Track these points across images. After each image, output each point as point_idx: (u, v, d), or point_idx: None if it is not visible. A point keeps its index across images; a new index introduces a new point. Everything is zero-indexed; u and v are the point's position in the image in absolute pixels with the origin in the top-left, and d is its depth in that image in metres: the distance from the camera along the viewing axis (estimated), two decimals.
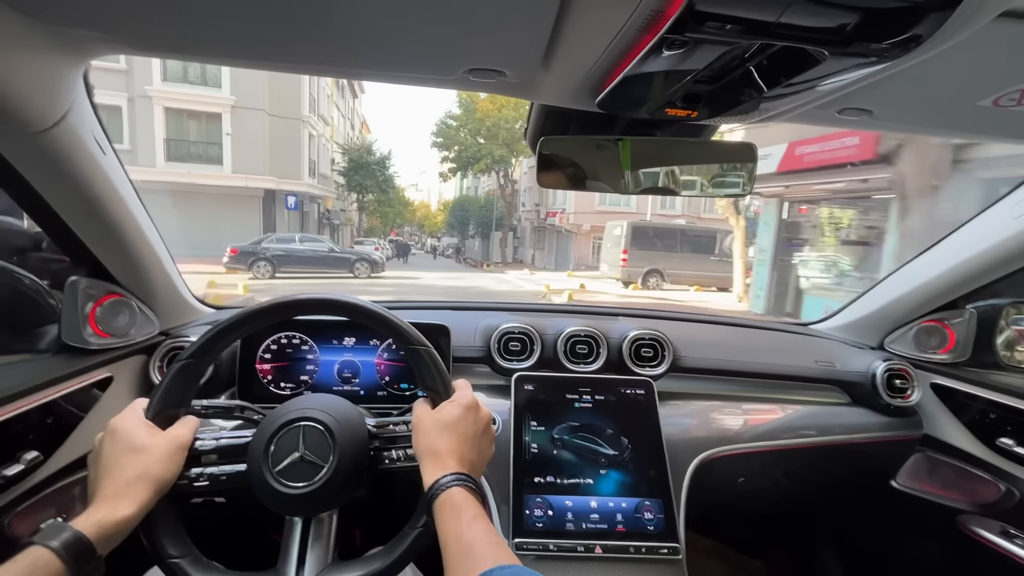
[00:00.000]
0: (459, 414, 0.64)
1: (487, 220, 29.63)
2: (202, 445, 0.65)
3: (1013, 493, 1.05)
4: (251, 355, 1.03)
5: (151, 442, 0.59)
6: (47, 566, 0.47)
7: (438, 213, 53.14)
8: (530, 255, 28.45)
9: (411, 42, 0.61)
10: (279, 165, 17.25)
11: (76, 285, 0.90)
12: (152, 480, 0.58)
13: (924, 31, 0.44)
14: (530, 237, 29.21)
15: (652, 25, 0.47)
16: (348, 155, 25.58)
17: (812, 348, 1.34)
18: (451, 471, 0.59)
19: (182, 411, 0.65)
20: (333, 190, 25.22)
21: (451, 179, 29.70)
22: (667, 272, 14.08)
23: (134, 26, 0.61)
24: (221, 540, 0.89)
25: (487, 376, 1.15)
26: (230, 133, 16.42)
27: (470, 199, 35.50)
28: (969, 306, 1.23)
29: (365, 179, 25.33)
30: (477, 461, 0.64)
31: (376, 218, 34.32)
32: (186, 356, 0.64)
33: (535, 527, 0.87)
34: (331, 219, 25.54)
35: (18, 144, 0.70)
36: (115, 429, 0.60)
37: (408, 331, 0.69)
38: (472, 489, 0.58)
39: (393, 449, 0.68)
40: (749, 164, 0.87)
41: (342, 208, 28.69)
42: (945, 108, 0.74)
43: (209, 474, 0.63)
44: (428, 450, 0.62)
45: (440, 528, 0.55)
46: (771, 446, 1.09)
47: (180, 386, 0.64)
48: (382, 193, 27.10)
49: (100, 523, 0.52)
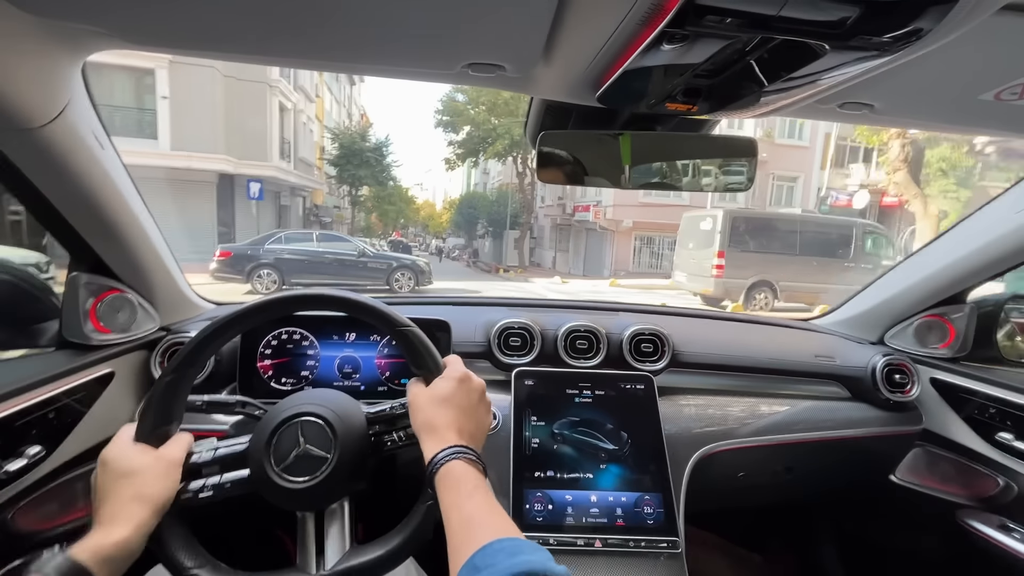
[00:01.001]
0: (453, 387, 0.64)
1: (499, 217, 25.58)
2: (200, 458, 0.64)
3: (1012, 487, 1.05)
4: (252, 350, 1.03)
5: (142, 464, 0.59)
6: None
7: (443, 212, 50.18)
8: (549, 257, 24.55)
9: (410, 36, 0.61)
10: (237, 142, 13.05)
11: (76, 281, 0.90)
12: (147, 500, 0.58)
13: (925, 25, 0.44)
14: (550, 236, 25.15)
15: (652, 18, 0.47)
16: (338, 140, 21.66)
17: (812, 343, 1.34)
18: (450, 444, 0.59)
19: (173, 426, 0.65)
20: (321, 181, 21.89)
21: (458, 167, 26.05)
22: (780, 284, 9.59)
23: (131, 20, 0.61)
24: (229, 543, 0.89)
25: (487, 371, 1.15)
26: (167, 97, 11.96)
27: (479, 195, 31.90)
28: (969, 301, 1.23)
29: (359, 169, 21.25)
30: (476, 431, 0.65)
31: (375, 217, 31.53)
32: (168, 372, 0.64)
33: (535, 521, 0.87)
34: (320, 216, 22.45)
35: (17, 140, 0.70)
36: (105, 460, 0.60)
37: (392, 314, 0.68)
38: (472, 460, 0.58)
39: (393, 431, 0.69)
40: (750, 158, 0.87)
41: (336, 205, 25.84)
42: (946, 102, 0.74)
43: (212, 485, 0.63)
44: (426, 426, 0.62)
45: (441, 501, 0.55)
46: (771, 441, 1.10)
47: (166, 403, 0.64)
48: (379, 186, 23.47)
49: (97, 548, 0.53)
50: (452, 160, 23.16)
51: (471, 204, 30.41)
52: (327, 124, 23.36)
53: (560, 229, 23.17)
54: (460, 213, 31.98)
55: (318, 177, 22.09)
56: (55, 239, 0.90)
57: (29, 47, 0.60)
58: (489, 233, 28.58)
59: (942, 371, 1.21)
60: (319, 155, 22.51)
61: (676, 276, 10.90)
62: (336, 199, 26.31)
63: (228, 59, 0.73)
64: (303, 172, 18.30)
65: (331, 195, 25.47)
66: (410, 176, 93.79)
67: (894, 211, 14.20)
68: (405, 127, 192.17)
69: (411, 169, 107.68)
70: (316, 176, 21.49)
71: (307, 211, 20.92)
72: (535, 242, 25.59)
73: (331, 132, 22.34)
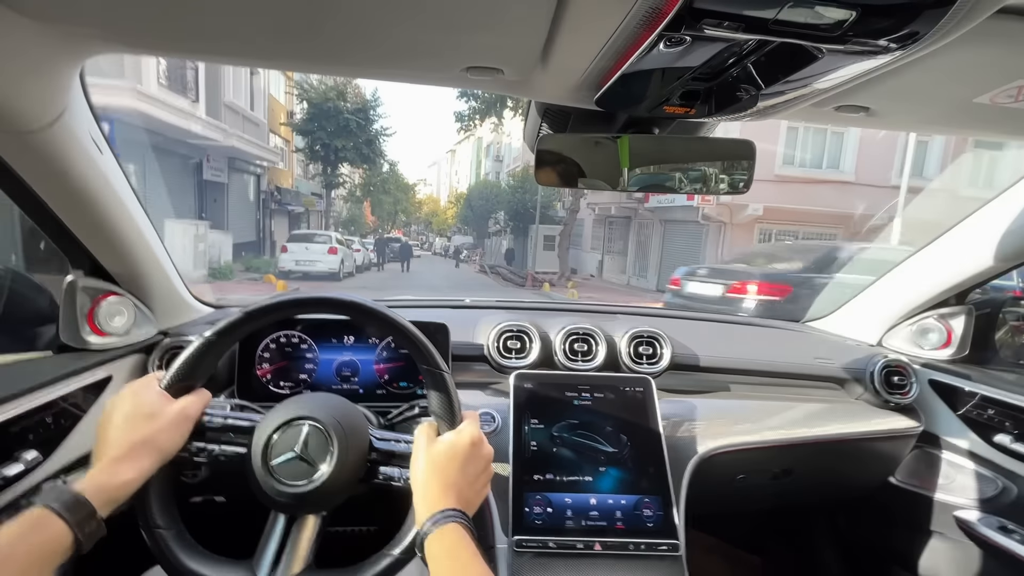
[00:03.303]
0: (462, 450, 0.63)
1: (523, 208, 19.34)
2: (210, 421, 0.65)
3: (1011, 489, 1.05)
4: (250, 354, 1.03)
5: (161, 409, 0.60)
6: (48, 526, 0.48)
7: (448, 207, 44.55)
8: (591, 262, 17.91)
9: (408, 40, 0.61)
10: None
11: (74, 285, 0.90)
12: (156, 447, 0.58)
13: (921, 28, 0.44)
14: (591, 234, 18.39)
15: (650, 22, 0.47)
16: (306, 97, 15.72)
17: (811, 345, 1.34)
18: (448, 507, 0.57)
19: (197, 384, 0.66)
20: (279, 153, 15.20)
21: (478, 128, 19.97)
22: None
23: (130, 25, 0.61)
24: (221, 537, 0.89)
25: (486, 374, 1.15)
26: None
27: (492, 184, 26.15)
28: (968, 303, 1.23)
29: (336, 139, 15.10)
30: (473, 499, 0.63)
31: (369, 211, 24.82)
32: (212, 333, 0.64)
33: (535, 524, 0.87)
34: (284, 202, 16.09)
35: (15, 143, 0.70)
36: (129, 393, 0.61)
37: (432, 354, 0.67)
38: (468, 528, 0.57)
39: (390, 466, 0.67)
40: (748, 161, 0.87)
41: (316, 193, 19.00)
42: (942, 105, 0.74)
43: (209, 451, 0.63)
44: (425, 481, 0.60)
45: (433, 566, 0.54)
46: (770, 443, 1.10)
47: (200, 361, 0.65)
48: (364, 162, 16.79)
49: (101, 485, 0.53)
50: (469, 116, 17.93)
51: (483, 195, 24.92)
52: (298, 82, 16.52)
53: (611, 224, 16.61)
54: (469, 206, 26.75)
55: (283, 150, 15.70)
56: (53, 243, 0.90)
57: (27, 50, 0.60)
58: (509, 229, 22.52)
59: (941, 373, 1.21)
60: (284, 120, 16.44)
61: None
62: (316, 186, 18.80)
63: (226, 62, 0.73)
64: (235, 128, 12.43)
65: (312, 180, 18.44)
66: (412, 173, 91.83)
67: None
68: (408, 119, 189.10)
69: (412, 168, 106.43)
70: (273, 148, 15.28)
71: (263, 195, 14.82)
72: (548, 246, 19.15)
73: (297, 86, 16.20)
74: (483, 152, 35.77)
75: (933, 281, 1.22)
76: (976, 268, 1.14)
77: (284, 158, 17.43)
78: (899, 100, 0.72)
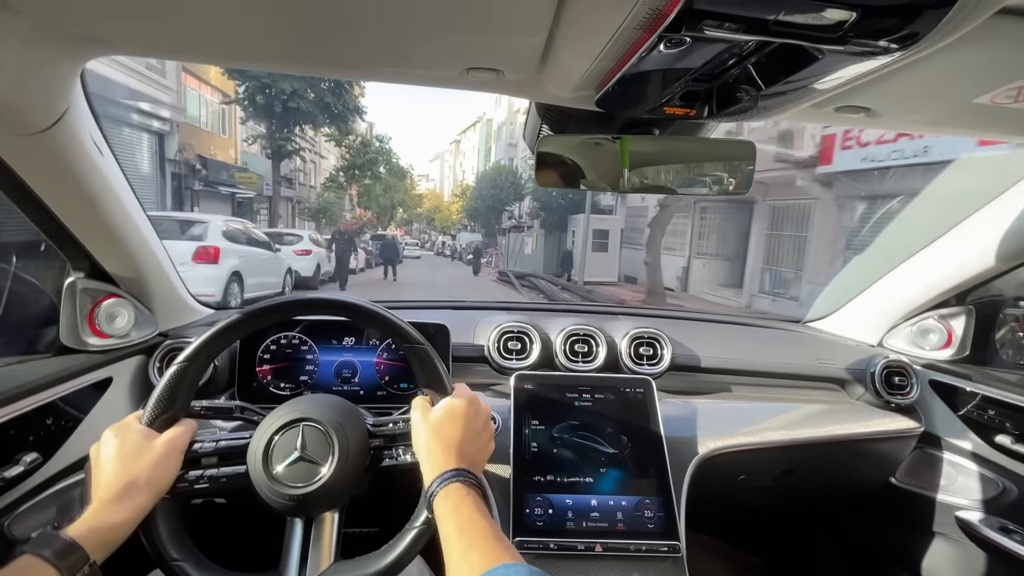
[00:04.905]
0: (458, 410, 0.64)
1: (560, 195, 14.69)
2: (201, 448, 0.65)
3: (1012, 490, 1.05)
4: (250, 356, 1.02)
5: (146, 447, 0.60)
6: (40, 574, 0.47)
7: (452, 202, 38.31)
8: (670, 274, 11.11)
9: (408, 42, 0.61)
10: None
11: (75, 287, 0.90)
12: (147, 484, 0.58)
13: (921, 28, 0.44)
14: (653, 230, 10.29)
15: (650, 23, 0.47)
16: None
17: (811, 346, 1.34)
18: (451, 467, 0.59)
19: (180, 415, 0.65)
20: (178, 94, 10.68)
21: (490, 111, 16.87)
22: None
23: (132, 27, 0.61)
24: (223, 543, 0.89)
25: (486, 375, 1.15)
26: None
27: (506, 170, 21.37)
28: (968, 303, 1.23)
29: (294, 99, 11.22)
30: (477, 457, 0.65)
31: (361, 207, 20.12)
32: (182, 359, 0.64)
33: (535, 526, 0.87)
34: (213, 180, 11.43)
35: (16, 145, 0.70)
36: (110, 436, 0.60)
37: (407, 330, 0.69)
38: (473, 484, 0.58)
39: (393, 448, 0.68)
40: (748, 162, 0.87)
41: (289, 176, 14.35)
42: (942, 105, 0.74)
43: (209, 476, 0.63)
44: (428, 447, 0.62)
45: (441, 525, 0.55)
46: (771, 444, 1.09)
47: (176, 389, 0.64)
48: (331, 120, 12.51)
49: (93, 529, 0.53)
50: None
51: (495, 183, 20.15)
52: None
53: (703, 214, 10.86)
54: (479, 197, 21.89)
55: (220, 108, 11.46)
56: (53, 244, 0.90)
57: (29, 53, 0.60)
58: (539, 222, 17.54)
59: (942, 373, 1.21)
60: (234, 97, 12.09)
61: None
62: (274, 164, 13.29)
63: (227, 65, 0.74)
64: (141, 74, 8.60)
65: (265, 152, 13.08)
66: (416, 167, 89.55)
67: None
68: (405, 118, 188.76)
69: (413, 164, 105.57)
70: (177, 88, 10.55)
71: (173, 167, 10.12)
72: (599, 246, 13.71)
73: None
74: (493, 137, 32.11)
75: (933, 281, 1.22)
76: (976, 268, 1.14)
77: (223, 120, 12.85)
78: (899, 101, 0.72)
